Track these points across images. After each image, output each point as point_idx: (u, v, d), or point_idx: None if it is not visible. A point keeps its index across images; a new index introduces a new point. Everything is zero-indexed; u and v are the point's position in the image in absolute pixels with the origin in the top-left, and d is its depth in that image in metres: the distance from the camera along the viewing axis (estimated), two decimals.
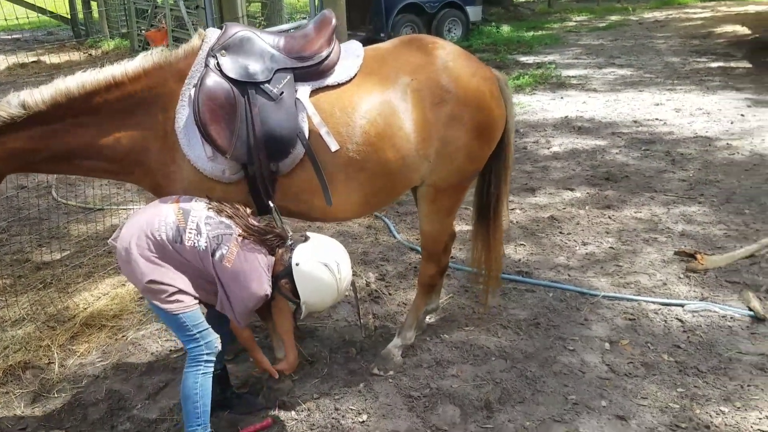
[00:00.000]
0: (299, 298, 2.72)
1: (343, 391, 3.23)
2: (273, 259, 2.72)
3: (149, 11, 13.34)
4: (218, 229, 2.62)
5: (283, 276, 2.71)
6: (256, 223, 2.73)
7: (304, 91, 2.87)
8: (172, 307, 2.58)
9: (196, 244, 2.58)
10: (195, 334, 2.63)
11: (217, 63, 2.77)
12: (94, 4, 16.61)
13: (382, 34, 12.36)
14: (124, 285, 4.33)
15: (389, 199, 3.23)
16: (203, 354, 2.66)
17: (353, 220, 5.28)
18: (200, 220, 2.62)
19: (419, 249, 4.06)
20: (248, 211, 2.76)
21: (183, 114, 2.73)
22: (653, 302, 3.94)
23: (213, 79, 2.73)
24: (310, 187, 2.89)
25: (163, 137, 2.77)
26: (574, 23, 17.29)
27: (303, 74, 2.89)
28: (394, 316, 3.91)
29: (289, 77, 2.85)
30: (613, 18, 17.61)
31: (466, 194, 3.42)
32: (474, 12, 14.38)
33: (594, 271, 4.38)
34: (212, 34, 2.88)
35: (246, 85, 2.78)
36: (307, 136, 2.80)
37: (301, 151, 2.81)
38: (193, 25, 9.90)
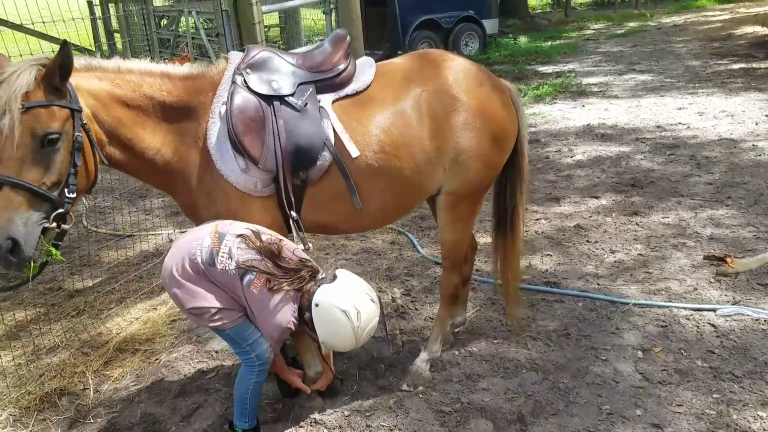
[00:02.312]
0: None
1: (374, 407, 3.23)
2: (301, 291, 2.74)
3: (171, 40, 13.61)
4: (249, 254, 2.67)
5: (306, 310, 2.73)
6: (284, 264, 2.69)
7: (326, 100, 3.03)
8: (218, 325, 2.71)
9: (227, 268, 2.65)
10: (245, 347, 2.78)
11: (244, 80, 2.93)
12: (117, 36, 16.98)
13: (399, 52, 12.44)
14: (155, 309, 4.40)
15: (409, 206, 3.30)
16: (255, 364, 2.82)
17: (377, 237, 5.30)
18: (233, 245, 2.68)
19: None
20: (282, 244, 2.74)
21: (214, 130, 2.86)
22: (685, 308, 3.88)
23: (242, 95, 2.89)
24: (338, 194, 3.01)
25: (202, 149, 2.89)
26: (592, 31, 17.23)
27: (324, 86, 3.06)
28: (421, 331, 3.90)
29: (311, 89, 3.02)
30: (632, 24, 17.53)
31: (483, 203, 3.44)
32: (490, 25, 14.40)
33: (623, 278, 4.32)
34: (235, 56, 3.05)
35: (272, 99, 2.94)
36: (333, 142, 2.94)
37: (328, 158, 2.93)
38: (214, 52, 10.08)
